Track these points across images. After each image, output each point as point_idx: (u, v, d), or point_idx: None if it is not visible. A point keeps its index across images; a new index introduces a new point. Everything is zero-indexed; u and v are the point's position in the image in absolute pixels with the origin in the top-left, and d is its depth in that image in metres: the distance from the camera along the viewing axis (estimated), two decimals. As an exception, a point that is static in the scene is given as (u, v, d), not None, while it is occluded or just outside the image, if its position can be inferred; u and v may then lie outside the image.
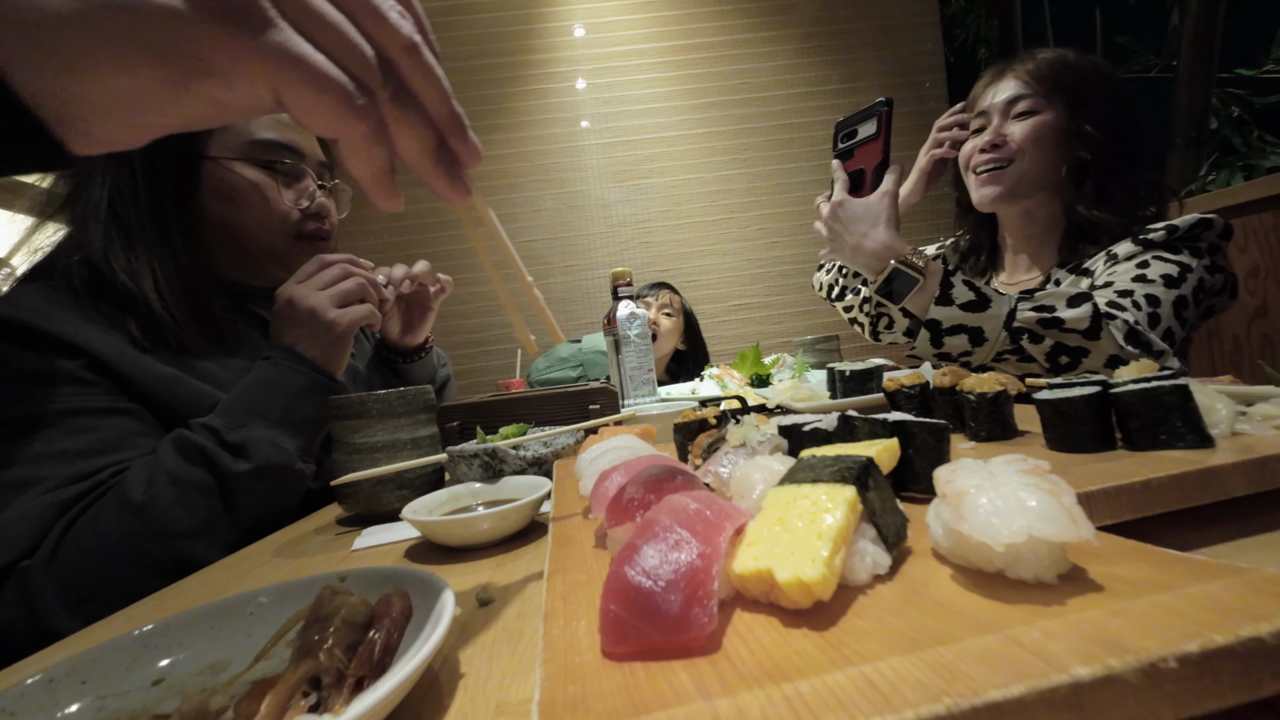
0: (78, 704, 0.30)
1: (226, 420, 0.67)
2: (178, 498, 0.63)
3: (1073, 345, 0.77)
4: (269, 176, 0.81)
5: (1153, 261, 0.91)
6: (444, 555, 0.52)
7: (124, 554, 0.60)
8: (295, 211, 0.84)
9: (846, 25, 2.82)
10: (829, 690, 0.17)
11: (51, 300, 0.69)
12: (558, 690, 0.19)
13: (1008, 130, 1.04)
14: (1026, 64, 1.05)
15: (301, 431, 0.73)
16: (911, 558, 0.26)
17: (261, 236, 0.83)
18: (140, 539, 0.61)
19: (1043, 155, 1.02)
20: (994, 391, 0.49)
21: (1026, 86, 1.03)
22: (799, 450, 0.40)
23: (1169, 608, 0.18)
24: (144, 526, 0.61)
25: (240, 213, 0.80)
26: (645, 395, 1.07)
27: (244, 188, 0.80)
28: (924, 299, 0.84)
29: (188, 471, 0.64)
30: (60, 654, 0.42)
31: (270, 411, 0.70)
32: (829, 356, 1.43)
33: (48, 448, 0.62)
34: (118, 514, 0.61)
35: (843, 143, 0.97)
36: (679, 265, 2.79)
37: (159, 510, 0.61)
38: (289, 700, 0.27)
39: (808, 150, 2.84)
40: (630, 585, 0.22)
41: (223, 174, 0.79)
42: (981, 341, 0.81)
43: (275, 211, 0.82)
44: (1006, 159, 1.04)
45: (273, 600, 0.38)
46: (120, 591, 0.55)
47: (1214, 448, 0.39)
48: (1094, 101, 1.00)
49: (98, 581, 0.59)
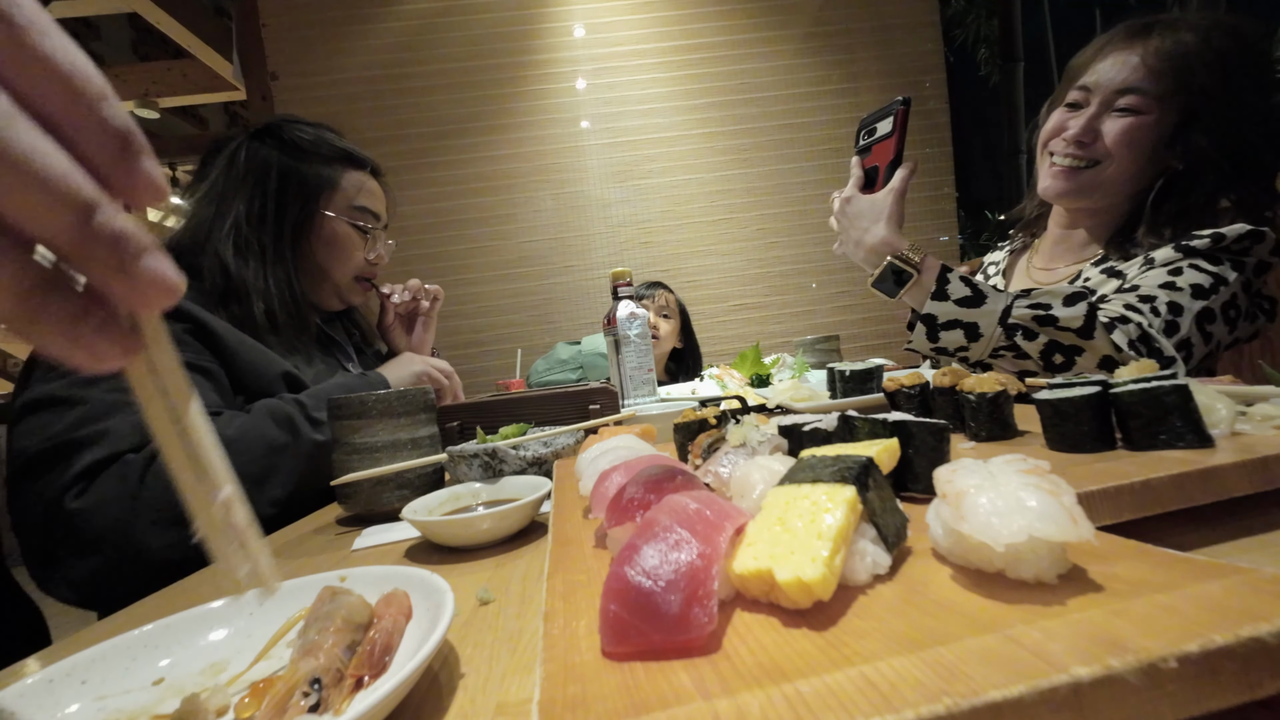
0: (78, 704, 0.30)
1: (313, 401, 0.85)
2: (255, 445, 0.77)
3: (1066, 344, 0.77)
4: (358, 234, 1.08)
5: (1187, 269, 0.84)
6: (444, 555, 0.51)
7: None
8: (365, 261, 1.10)
9: (846, 25, 2.82)
10: (829, 690, 0.17)
11: None
12: (558, 690, 0.19)
13: (1103, 126, 0.91)
14: (1162, 40, 0.88)
15: None
16: (911, 558, 0.26)
17: (340, 275, 1.08)
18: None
19: (1131, 162, 0.91)
20: (994, 391, 0.49)
21: (1146, 77, 0.88)
22: (799, 450, 0.40)
23: (1169, 608, 0.18)
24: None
25: (333, 256, 1.06)
26: (645, 395, 1.07)
27: (342, 239, 1.06)
28: (920, 294, 0.84)
29: (270, 430, 0.79)
30: (60, 654, 0.42)
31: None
32: (829, 356, 1.43)
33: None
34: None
35: (863, 139, 0.99)
36: (679, 265, 2.79)
37: (236, 452, 0.71)
38: (289, 700, 0.27)
39: (808, 150, 2.84)
40: (630, 585, 0.22)
41: (332, 226, 1.04)
42: (977, 337, 0.81)
43: (355, 260, 1.08)
44: (1090, 159, 0.93)
45: (273, 600, 0.38)
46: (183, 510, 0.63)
47: (1214, 448, 0.39)
48: (1219, 110, 0.86)
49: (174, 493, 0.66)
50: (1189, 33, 0.88)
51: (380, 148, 2.52)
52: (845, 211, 0.94)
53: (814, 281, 2.85)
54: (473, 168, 2.70)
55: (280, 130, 1.01)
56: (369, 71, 2.58)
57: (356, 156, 1.07)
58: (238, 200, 0.95)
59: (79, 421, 0.71)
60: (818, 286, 2.85)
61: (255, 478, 0.76)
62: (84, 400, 0.73)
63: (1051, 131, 0.98)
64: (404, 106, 2.62)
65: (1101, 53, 0.94)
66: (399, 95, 2.61)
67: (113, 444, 0.71)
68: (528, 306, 2.76)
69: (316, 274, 1.06)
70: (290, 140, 1.00)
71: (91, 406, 0.72)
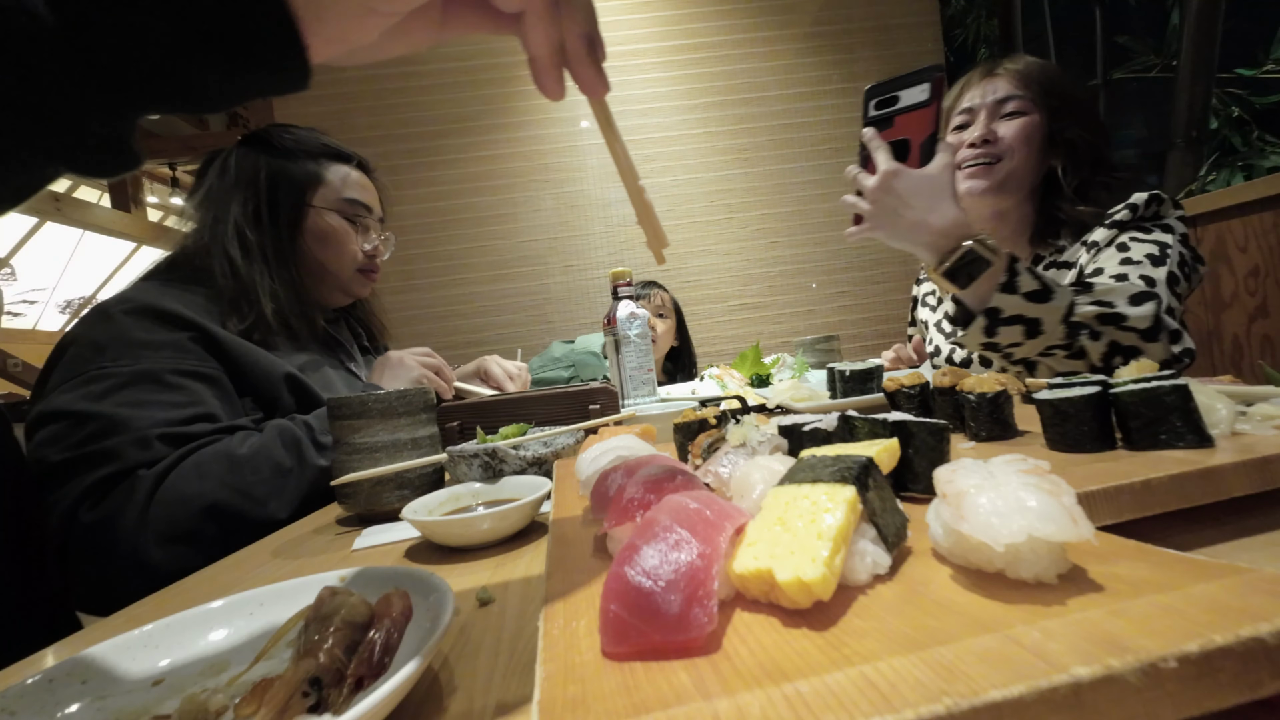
0: (78, 704, 0.30)
1: (321, 425, 0.85)
2: (265, 467, 0.78)
3: (1126, 344, 0.75)
4: (350, 226, 1.08)
5: (1131, 243, 0.91)
6: (444, 555, 0.51)
7: (210, 493, 0.74)
8: (361, 253, 1.10)
9: (846, 25, 2.82)
10: (829, 690, 0.17)
11: (164, 291, 0.88)
12: (558, 690, 0.19)
13: (997, 128, 1.05)
14: (1013, 65, 1.06)
15: None
16: (911, 558, 0.26)
17: (338, 267, 1.08)
18: (225, 486, 0.75)
19: (1028, 156, 1.04)
20: (994, 391, 0.49)
21: (1016, 87, 1.04)
22: (799, 450, 0.40)
23: (1169, 608, 0.18)
24: (233, 478, 0.76)
25: (328, 249, 1.06)
26: (645, 395, 1.07)
27: (334, 232, 1.06)
28: (987, 286, 0.78)
29: (279, 452, 0.80)
30: (60, 654, 0.42)
31: None
32: (829, 356, 1.43)
33: (145, 396, 0.78)
34: (221, 461, 0.76)
35: (878, 109, 0.86)
36: (679, 265, 2.79)
37: (248, 471, 0.77)
38: (289, 700, 0.27)
39: (808, 150, 2.84)
40: (630, 585, 0.22)
41: (322, 220, 1.05)
42: (1037, 334, 0.77)
43: (350, 252, 1.08)
44: (995, 156, 1.04)
45: (273, 600, 0.38)
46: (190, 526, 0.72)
47: (1214, 448, 0.39)
48: (1072, 110, 1.04)
49: (183, 508, 0.73)
50: (1026, 58, 1.09)
51: (379, 147, 2.52)
52: (892, 188, 0.82)
53: (814, 281, 2.85)
54: (472, 167, 2.69)
55: (267, 135, 1.05)
56: (369, 70, 2.58)
57: (341, 151, 1.09)
58: (233, 204, 0.98)
59: (92, 436, 0.74)
60: (818, 286, 2.85)
61: (260, 498, 0.77)
62: (97, 415, 0.75)
63: (952, 150, 1.07)
64: (403, 106, 2.62)
65: (965, 88, 1.10)
66: (398, 94, 2.61)
67: (124, 460, 0.74)
68: (527, 306, 2.76)
69: (317, 270, 1.07)
70: (276, 143, 1.04)
71: (104, 421, 0.74)
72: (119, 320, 0.82)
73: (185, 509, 0.73)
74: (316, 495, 0.81)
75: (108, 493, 0.73)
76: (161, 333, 0.83)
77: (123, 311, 0.83)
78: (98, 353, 0.79)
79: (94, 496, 0.73)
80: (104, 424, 0.75)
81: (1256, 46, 1.74)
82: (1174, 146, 2.09)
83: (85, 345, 0.81)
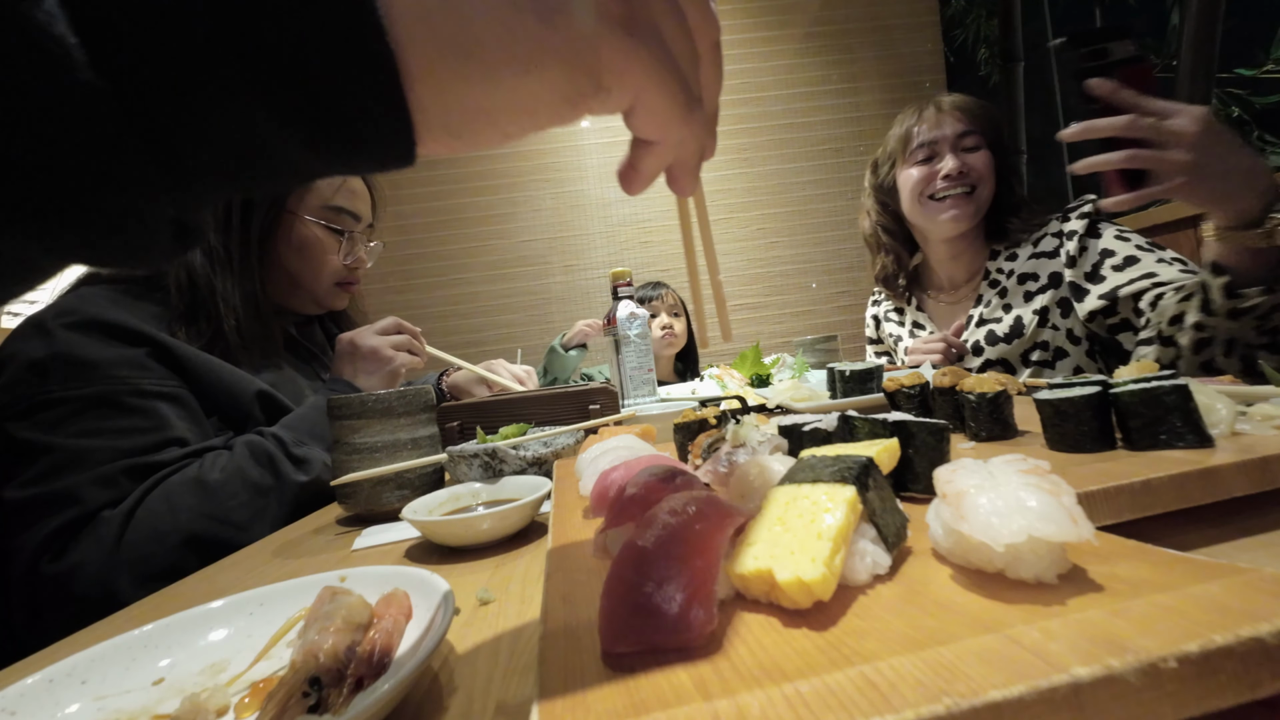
0: (78, 704, 0.30)
1: (292, 435, 0.79)
2: (241, 489, 0.73)
3: None
4: (332, 236, 0.97)
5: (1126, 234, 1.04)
6: (444, 555, 0.51)
7: (185, 525, 0.69)
8: (342, 266, 1.00)
9: (846, 25, 2.82)
10: (829, 690, 0.17)
11: (114, 300, 0.79)
12: (558, 690, 0.19)
13: (967, 159, 1.16)
14: (961, 103, 1.20)
15: None
16: (911, 558, 0.26)
17: (313, 281, 0.98)
18: (202, 516, 0.70)
19: (989, 184, 1.17)
20: (994, 391, 0.49)
21: (969, 124, 1.17)
22: (799, 450, 0.40)
23: (1169, 608, 0.18)
24: (209, 506, 0.71)
25: (304, 261, 0.96)
26: (645, 395, 1.07)
27: (313, 242, 0.95)
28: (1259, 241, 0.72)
29: (254, 471, 0.75)
30: (60, 654, 0.42)
31: (324, 437, 0.82)
32: (829, 356, 1.43)
33: (103, 423, 0.71)
34: (192, 490, 0.71)
35: (1091, 60, 0.77)
36: (679, 265, 2.79)
37: (225, 496, 0.72)
38: (289, 700, 0.27)
39: (808, 150, 2.84)
40: (630, 585, 0.22)
41: (300, 228, 0.94)
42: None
43: (329, 264, 0.98)
44: (971, 185, 1.16)
45: (273, 600, 0.38)
46: (168, 562, 0.66)
47: (1214, 448, 0.39)
48: (1004, 142, 1.20)
49: (158, 545, 0.68)
50: (958, 96, 1.22)
51: (380, 147, 2.51)
52: (1215, 132, 0.72)
53: (814, 281, 2.85)
54: (471, 166, 2.69)
55: None
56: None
57: None
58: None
59: (48, 473, 0.67)
60: (818, 286, 2.86)
61: (241, 523, 0.72)
62: (51, 448, 0.68)
63: (923, 182, 1.19)
64: (404, 106, 2.62)
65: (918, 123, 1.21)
66: (399, 95, 2.61)
67: (86, 503, 0.67)
68: (526, 306, 2.76)
69: (287, 283, 0.97)
70: None
71: (59, 456, 0.68)
72: (60, 336, 0.72)
73: (160, 545, 0.67)
74: (299, 512, 0.77)
75: (70, 540, 0.67)
76: (113, 349, 0.73)
77: (64, 326, 0.73)
78: (41, 375, 0.70)
79: (55, 546, 0.66)
80: (60, 459, 0.68)
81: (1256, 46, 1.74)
82: (1174, 146, 2.08)
83: (23, 366, 0.70)
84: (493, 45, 0.20)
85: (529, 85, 0.21)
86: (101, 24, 0.16)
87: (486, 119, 0.22)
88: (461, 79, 0.20)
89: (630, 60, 0.22)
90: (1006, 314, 1.16)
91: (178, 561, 0.67)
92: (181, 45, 0.17)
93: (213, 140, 0.19)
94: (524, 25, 0.20)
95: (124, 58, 0.17)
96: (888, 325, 1.45)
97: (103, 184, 0.17)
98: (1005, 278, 1.18)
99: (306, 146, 0.20)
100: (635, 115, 0.25)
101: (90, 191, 0.18)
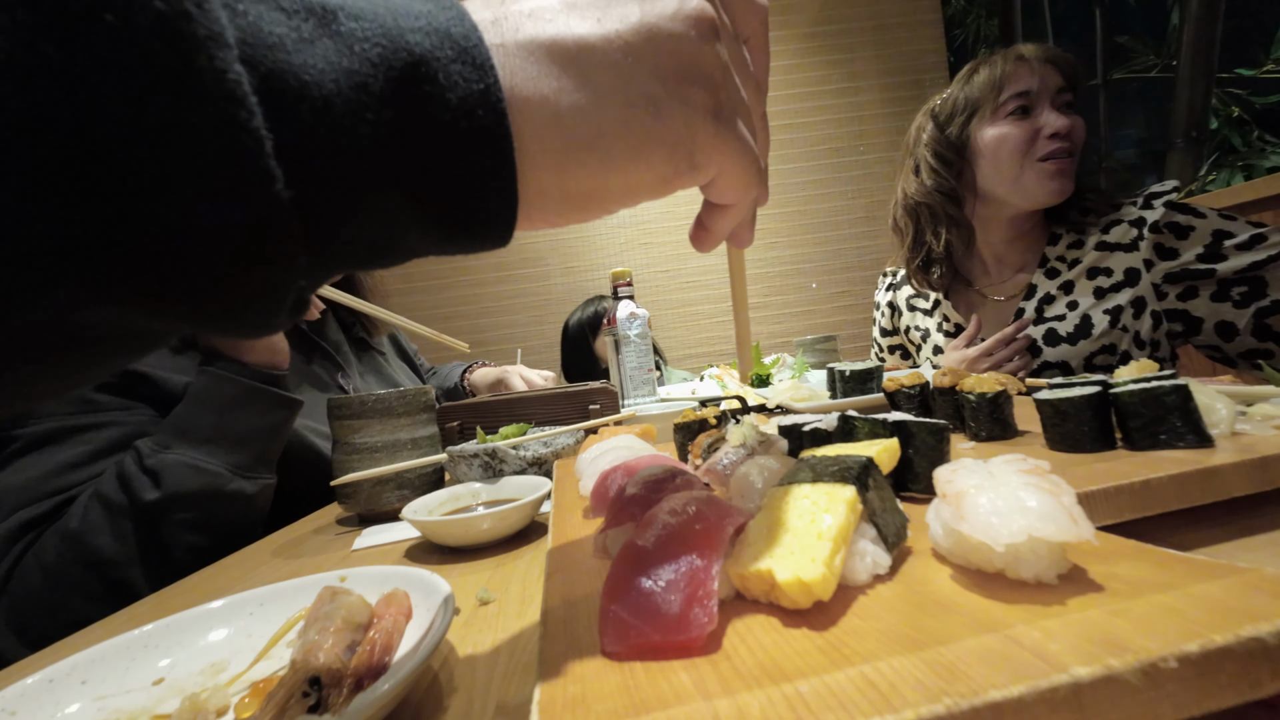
0: (78, 704, 0.30)
1: (154, 442, 0.67)
2: (107, 523, 0.63)
3: None
4: None
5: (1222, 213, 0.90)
6: (444, 555, 0.52)
7: (60, 582, 0.61)
8: None
9: (847, 25, 2.82)
10: (829, 690, 0.17)
11: None
12: (558, 690, 0.19)
13: (1069, 120, 0.98)
14: (1051, 55, 1.00)
15: (241, 446, 0.70)
16: (911, 558, 0.26)
17: None
18: (74, 566, 0.62)
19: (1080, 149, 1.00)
20: (994, 391, 0.49)
21: (1067, 79, 0.99)
22: (799, 450, 0.40)
23: (1169, 608, 0.18)
24: (78, 553, 0.62)
25: None
26: (645, 395, 1.07)
27: None
28: None
29: (117, 496, 0.64)
30: (60, 654, 0.42)
31: (198, 430, 0.68)
32: (829, 356, 1.43)
33: (30, 472, 0.65)
34: (57, 542, 0.63)
35: None
36: (679, 265, 2.79)
37: (91, 537, 0.63)
38: (289, 700, 0.27)
39: (808, 150, 2.84)
40: (630, 585, 0.22)
41: None
42: None
43: None
44: (1073, 149, 0.98)
45: (273, 600, 0.38)
46: (62, 620, 0.56)
47: (1214, 448, 0.39)
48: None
49: (40, 609, 0.61)
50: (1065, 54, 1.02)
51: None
52: None
53: (814, 281, 2.85)
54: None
55: None
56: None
57: None
58: None
59: None
60: (818, 286, 2.86)
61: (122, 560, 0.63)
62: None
63: (1026, 140, 0.99)
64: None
65: (1014, 70, 1.00)
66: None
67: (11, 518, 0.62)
68: (528, 307, 2.76)
69: None
70: None
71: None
72: None
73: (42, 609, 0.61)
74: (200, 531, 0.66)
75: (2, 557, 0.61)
76: None
77: None
78: None
79: None
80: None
81: (1256, 46, 1.74)
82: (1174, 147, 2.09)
83: None
84: (611, 138, 0.23)
85: (638, 170, 0.24)
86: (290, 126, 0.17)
87: (597, 199, 0.25)
88: (582, 167, 0.23)
89: (719, 143, 0.25)
90: (1071, 311, 0.99)
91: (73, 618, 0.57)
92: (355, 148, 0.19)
93: (361, 234, 0.20)
94: (638, 120, 0.23)
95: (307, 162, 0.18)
96: (912, 317, 1.26)
97: (256, 263, 0.18)
98: (1067, 268, 1.01)
99: (430, 239, 0.22)
100: (716, 186, 0.28)
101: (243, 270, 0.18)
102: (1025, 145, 0.99)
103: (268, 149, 0.17)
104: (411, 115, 0.19)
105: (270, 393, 0.73)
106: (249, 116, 0.16)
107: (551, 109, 0.22)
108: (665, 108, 0.24)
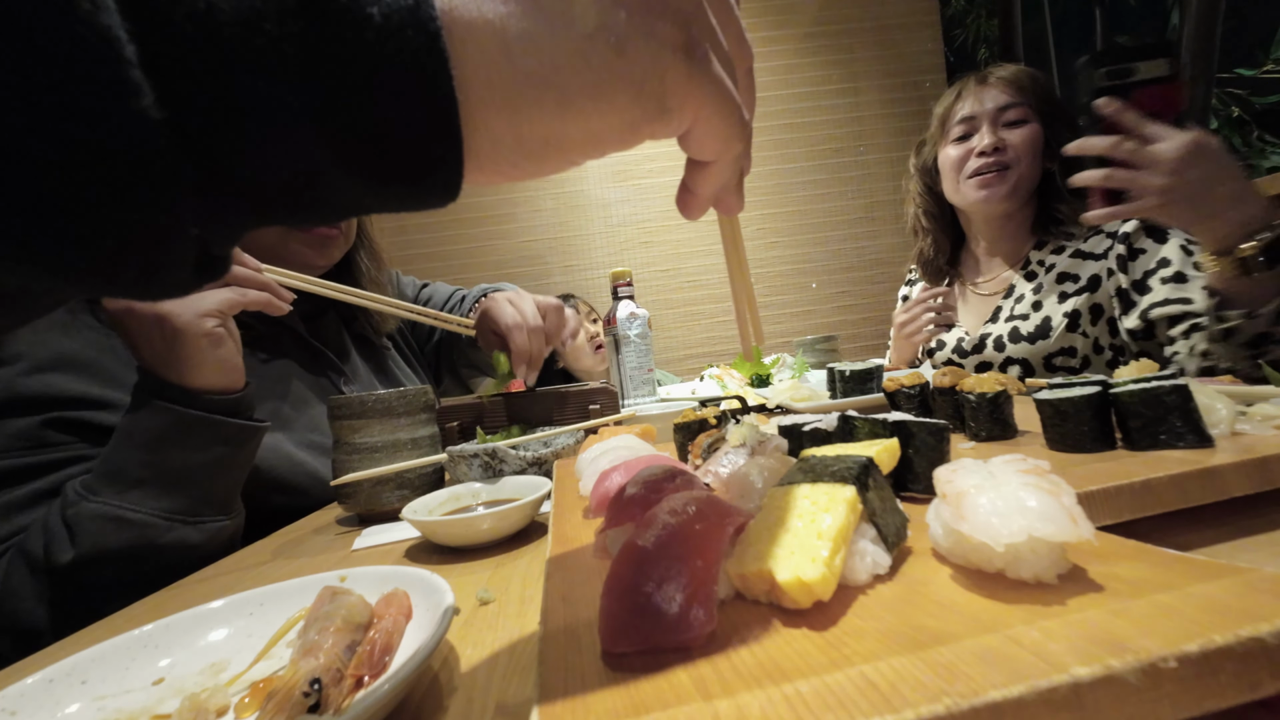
0: (78, 704, 0.30)
1: (81, 485, 0.58)
2: (29, 585, 0.56)
3: None
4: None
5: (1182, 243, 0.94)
6: (444, 555, 0.52)
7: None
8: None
9: (846, 25, 2.82)
10: (829, 690, 0.17)
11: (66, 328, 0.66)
12: (558, 690, 0.19)
13: (1005, 136, 1.08)
14: (1005, 74, 1.11)
15: (178, 487, 0.60)
16: (911, 558, 0.26)
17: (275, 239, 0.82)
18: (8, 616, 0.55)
19: (1032, 161, 1.09)
20: (994, 391, 0.49)
21: (1013, 96, 1.09)
22: (799, 450, 0.40)
23: (1169, 608, 0.18)
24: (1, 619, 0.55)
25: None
26: (645, 395, 1.07)
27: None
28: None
29: (38, 553, 0.56)
30: (60, 654, 0.42)
31: (127, 471, 0.58)
32: (829, 356, 1.43)
33: None
34: None
35: (1106, 80, 0.77)
36: (679, 265, 2.79)
37: (13, 602, 0.56)
38: (289, 700, 0.27)
39: (808, 150, 2.84)
40: (630, 585, 0.22)
41: None
42: None
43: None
44: (1005, 164, 1.08)
45: (273, 600, 0.38)
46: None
47: (1214, 448, 0.39)
48: (1060, 116, 1.09)
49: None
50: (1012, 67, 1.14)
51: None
52: (1208, 154, 0.73)
53: (814, 281, 2.85)
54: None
55: None
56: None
57: None
58: None
59: None
60: (818, 286, 2.86)
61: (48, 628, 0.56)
62: None
63: (960, 160, 1.13)
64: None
65: (960, 97, 1.14)
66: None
67: None
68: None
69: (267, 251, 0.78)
70: None
71: None
72: None
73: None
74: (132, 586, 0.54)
75: None
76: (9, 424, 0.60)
77: None
78: None
79: None
80: None
81: (1256, 46, 1.74)
82: (1174, 146, 2.09)
83: None
84: (568, 75, 0.20)
85: (600, 112, 0.22)
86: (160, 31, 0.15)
87: (556, 146, 0.22)
88: (537, 107, 0.21)
89: (692, 84, 0.23)
90: (1035, 312, 1.08)
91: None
92: (249, 66, 0.16)
93: (269, 175, 0.18)
94: (598, 54, 0.21)
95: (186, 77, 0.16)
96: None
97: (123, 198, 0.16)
98: (1044, 271, 1.10)
99: (361, 188, 0.20)
100: (693, 137, 0.25)
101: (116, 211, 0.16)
102: (960, 164, 1.14)
103: (128, 55, 0.14)
104: (323, 31, 0.17)
105: (209, 422, 0.60)
106: (93, 9, 0.14)
107: (498, 35, 0.19)
108: (630, 41, 0.21)
